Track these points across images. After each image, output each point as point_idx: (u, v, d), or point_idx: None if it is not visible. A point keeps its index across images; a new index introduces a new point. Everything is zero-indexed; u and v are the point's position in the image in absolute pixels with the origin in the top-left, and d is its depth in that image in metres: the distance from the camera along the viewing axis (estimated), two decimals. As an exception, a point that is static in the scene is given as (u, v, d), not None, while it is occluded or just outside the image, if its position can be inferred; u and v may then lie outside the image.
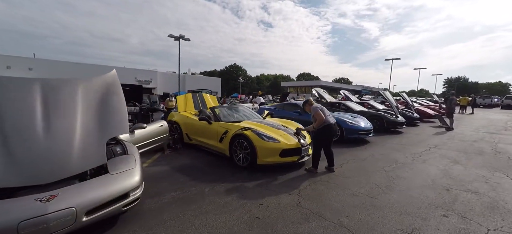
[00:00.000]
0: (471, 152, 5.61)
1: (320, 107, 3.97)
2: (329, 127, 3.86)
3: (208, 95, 7.11)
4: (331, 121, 3.88)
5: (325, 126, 3.85)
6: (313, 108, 3.98)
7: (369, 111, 9.00)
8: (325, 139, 3.91)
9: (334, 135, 3.94)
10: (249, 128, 4.16)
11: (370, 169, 4.18)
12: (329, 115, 3.92)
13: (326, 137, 3.90)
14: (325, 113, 3.91)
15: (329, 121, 3.86)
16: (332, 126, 3.86)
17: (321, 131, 3.88)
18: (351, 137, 6.22)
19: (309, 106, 4.09)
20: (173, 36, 23.26)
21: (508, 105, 24.99)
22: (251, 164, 3.93)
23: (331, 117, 3.92)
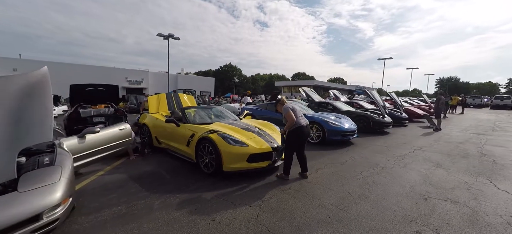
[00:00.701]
0: (455, 155, 5.38)
1: (291, 108, 3.63)
2: (300, 129, 3.52)
3: (185, 95, 6.73)
4: (302, 123, 3.55)
5: (296, 128, 3.51)
6: (284, 109, 3.62)
7: (356, 111, 8.75)
8: (296, 142, 3.58)
9: (306, 138, 3.61)
10: (215, 130, 3.81)
11: (347, 175, 3.87)
12: (301, 116, 3.59)
13: (297, 140, 3.57)
14: (297, 114, 3.58)
15: (300, 123, 3.53)
16: (303, 128, 3.53)
17: (292, 133, 3.54)
18: (334, 138, 5.93)
19: (281, 106, 3.73)
20: (163, 35, 22.69)
21: (497, 105, 25.29)
22: (216, 170, 3.57)
23: (303, 118, 3.58)
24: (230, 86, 68.95)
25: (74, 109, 6.92)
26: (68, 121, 6.71)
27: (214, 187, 3.32)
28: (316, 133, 6.13)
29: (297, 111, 3.60)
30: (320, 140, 6.02)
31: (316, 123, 6.11)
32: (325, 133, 5.90)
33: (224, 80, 74.10)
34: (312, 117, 6.31)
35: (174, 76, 46.76)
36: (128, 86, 38.81)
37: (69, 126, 6.34)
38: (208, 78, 53.40)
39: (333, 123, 6.01)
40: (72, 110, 7.05)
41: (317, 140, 6.08)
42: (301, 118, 3.57)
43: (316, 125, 6.11)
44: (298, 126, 3.51)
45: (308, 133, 3.59)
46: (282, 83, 57.82)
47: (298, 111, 3.60)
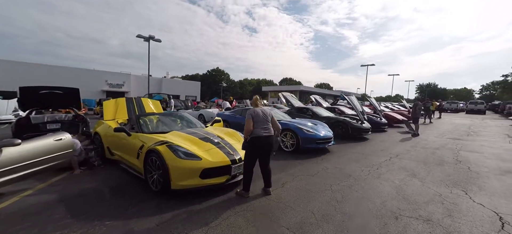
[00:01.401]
0: (431, 162, 5.20)
1: (253, 114, 3.21)
2: (257, 140, 3.11)
3: (150, 101, 6.15)
4: (262, 133, 3.13)
5: (252, 138, 3.11)
6: (247, 115, 3.23)
7: (335, 117, 8.54)
8: (254, 154, 3.17)
9: (268, 150, 3.19)
10: (165, 141, 3.30)
11: (315, 189, 3.49)
12: (263, 126, 3.16)
13: (254, 151, 3.15)
14: (256, 122, 3.17)
15: (257, 133, 3.12)
16: (261, 139, 3.12)
17: (249, 143, 3.13)
18: (308, 146, 5.58)
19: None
20: (143, 37, 21.79)
21: (471, 110, 26.49)
22: (164, 188, 3.07)
23: (264, 128, 3.16)
24: (218, 91, 68.18)
25: (25, 115, 6.16)
26: (16, 127, 5.94)
27: (158, 209, 2.81)
28: (290, 141, 5.76)
29: (260, 118, 3.18)
30: (294, 148, 5.66)
31: (290, 130, 5.75)
32: (299, 141, 5.55)
33: (211, 85, 73.26)
34: (286, 124, 5.96)
35: (158, 80, 45.43)
36: (108, 89, 37.06)
37: (17, 134, 5.59)
38: (194, 83, 52.31)
39: (307, 130, 5.68)
40: (23, 116, 6.27)
41: (291, 148, 5.72)
42: (261, 128, 3.16)
43: (290, 132, 5.75)
44: (255, 136, 3.11)
45: (269, 144, 3.17)
46: (269, 88, 57.89)
47: (261, 119, 3.18)
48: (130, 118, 4.94)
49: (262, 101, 3.40)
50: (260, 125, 3.16)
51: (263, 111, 3.21)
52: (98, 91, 35.10)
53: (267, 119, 3.18)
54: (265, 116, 3.19)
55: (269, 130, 3.17)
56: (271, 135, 3.17)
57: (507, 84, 42.45)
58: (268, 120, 3.19)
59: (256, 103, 3.33)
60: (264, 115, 3.18)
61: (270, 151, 3.23)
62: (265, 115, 3.19)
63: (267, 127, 3.17)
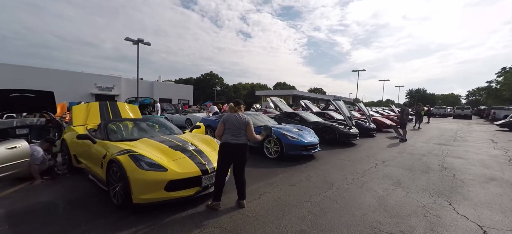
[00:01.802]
0: (417, 169, 5.08)
1: (225, 119, 3.02)
2: (225, 146, 2.92)
3: (126, 105, 5.83)
4: (230, 140, 2.92)
5: (221, 144, 2.95)
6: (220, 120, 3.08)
7: (323, 122, 8.41)
8: (223, 161, 2.95)
9: (237, 159, 2.96)
10: (128, 150, 3.02)
11: (294, 201, 3.27)
12: (233, 133, 2.94)
13: (223, 159, 2.94)
14: (227, 128, 2.96)
15: (225, 139, 2.94)
16: (230, 146, 2.91)
17: (219, 150, 2.95)
18: (292, 153, 5.38)
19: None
20: (132, 40, 21.33)
21: (458, 115, 27.13)
22: (125, 202, 2.78)
23: (234, 136, 2.93)
24: (212, 95, 67.78)
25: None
26: (-19, 133, 5.49)
27: (114, 226, 2.51)
28: (274, 147, 5.55)
29: (232, 125, 2.96)
30: (278, 155, 5.44)
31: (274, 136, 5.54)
32: (283, 148, 5.34)
33: (205, 89, 72.86)
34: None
35: (150, 83, 44.66)
36: (97, 92, 36.10)
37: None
38: (187, 86, 51.74)
39: (292, 136, 5.48)
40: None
41: (275, 155, 5.50)
42: (231, 134, 2.94)
43: (274, 139, 5.54)
44: (223, 142, 2.94)
45: (239, 153, 2.94)
46: (262, 93, 57.85)
47: (232, 126, 2.96)
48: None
49: (242, 108, 3.18)
50: (230, 131, 2.95)
51: (237, 118, 2.99)
52: (86, 95, 34.12)
53: (239, 127, 2.95)
54: (239, 123, 2.96)
55: (239, 137, 2.94)
56: (241, 144, 2.94)
57: (491, 90, 43.89)
58: (241, 128, 2.96)
59: (232, 110, 3.11)
60: (238, 123, 2.96)
61: (243, 159, 2.99)
62: (239, 123, 2.96)
63: (238, 134, 2.94)
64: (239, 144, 2.92)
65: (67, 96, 24.97)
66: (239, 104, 3.13)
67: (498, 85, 40.16)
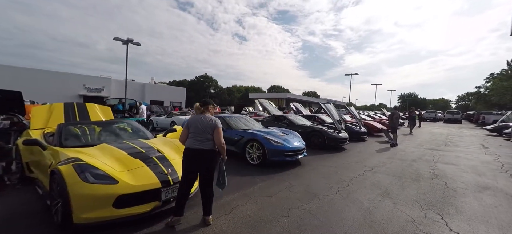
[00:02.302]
0: (407, 176, 4.78)
1: (190, 121, 2.66)
2: (187, 152, 2.57)
3: (96, 106, 5.36)
4: (192, 145, 2.55)
5: (184, 150, 2.60)
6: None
7: (311, 126, 8.09)
8: (185, 169, 2.58)
9: (203, 167, 2.57)
10: (74, 158, 2.58)
11: (269, 216, 2.89)
12: (197, 138, 2.56)
13: (185, 166, 2.58)
14: (191, 132, 2.58)
15: (188, 144, 2.59)
16: (192, 152, 2.54)
17: (182, 157, 2.61)
18: (275, 159, 5.01)
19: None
20: (121, 40, 20.69)
21: (449, 119, 27.40)
22: (65, 222, 2.34)
23: (197, 140, 2.55)
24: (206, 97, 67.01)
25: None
26: None
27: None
28: (256, 153, 5.17)
29: (195, 128, 2.58)
30: (261, 161, 5.06)
31: (256, 141, 5.17)
32: (266, 153, 4.96)
33: (199, 91, 72.26)
34: (253, 134, 5.38)
35: (141, 85, 43.79)
36: (86, 94, 35.11)
37: None
38: (179, 88, 51.00)
39: (275, 141, 5.11)
40: None
41: (257, 161, 5.11)
42: (194, 139, 2.56)
43: (256, 144, 5.16)
44: (186, 148, 2.59)
45: (203, 160, 2.55)
46: (256, 96, 57.51)
47: (196, 129, 2.58)
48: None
49: (211, 109, 2.78)
50: (194, 135, 2.58)
51: (202, 121, 2.60)
52: (74, 96, 33.08)
53: (204, 130, 2.56)
54: (203, 126, 2.57)
55: (204, 142, 2.55)
56: (206, 150, 2.55)
57: (480, 95, 44.84)
58: (206, 131, 2.56)
59: (198, 110, 2.72)
60: (202, 126, 2.57)
61: (209, 169, 2.59)
62: (203, 126, 2.57)
63: (202, 139, 2.55)
64: (203, 150, 2.53)
65: (54, 98, 24.06)
66: (206, 104, 2.74)
67: (486, 91, 41.07)
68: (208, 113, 2.70)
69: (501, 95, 31.71)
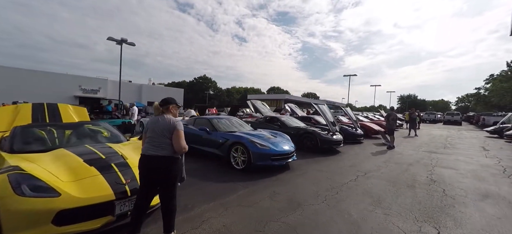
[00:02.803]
0: (402, 183, 4.44)
1: (148, 125, 2.32)
2: (142, 159, 2.23)
3: (70, 107, 5.02)
4: (146, 151, 2.22)
5: (140, 157, 2.25)
6: None
7: (304, 128, 7.75)
8: (141, 180, 2.25)
9: (160, 177, 2.22)
10: (14, 166, 2.24)
11: (240, 231, 2.54)
12: (153, 143, 2.21)
13: (142, 177, 2.23)
14: (148, 135, 2.26)
15: (143, 150, 2.25)
16: (145, 159, 2.21)
17: (138, 164, 2.26)
18: (261, 164, 4.66)
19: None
20: (115, 40, 20.39)
21: (448, 121, 27.09)
22: (-6, 241, 1.99)
23: (153, 145, 2.20)
24: (204, 99, 66.93)
25: None
26: None
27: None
28: (241, 157, 4.82)
29: (152, 130, 2.24)
30: (246, 166, 4.71)
31: (241, 144, 4.83)
32: (251, 157, 4.62)
33: (198, 92, 72.03)
34: (238, 136, 5.04)
35: (138, 86, 43.53)
36: (81, 95, 34.79)
37: None
38: (177, 90, 50.75)
39: (261, 144, 4.77)
40: None
41: (242, 165, 4.77)
42: (150, 143, 2.22)
43: (241, 147, 4.82)
44: (141, 154, 2.25)
45: (160, 169, 2.20)
46: (255, 97, 57.26)
47: (152, 132, 2.24)
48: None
49: (173, 109, 2.43)
50: (150, 140, 2.24)
51: (159, 123, 2.25)
52: (70, 97, 32.76)
53: (161, 134, 2.21)
54: (160, 130, 2.22)
55: (160, 148, 2.19)
56: (162, 157, 2.19)
57: (479, 97, 44.58)
58: (163, 135, 2.22)
59: (157, 111, 2.38)
60: (159, 129, 2.22)
61: (168, 179, 2.23)
62: (160, 129, 2.22)
63: (159, 144, 2.20)
64: (159, 157, 2.18)
65: (49, 99, 23.71)
66: (167, 103, 2.37)
67: (486, 92, 40.82)
68: (170, 114, 2.35)
69: (501, 97, 31.44)
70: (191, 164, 5.32)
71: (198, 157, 5.97)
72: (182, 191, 3.62)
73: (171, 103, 2.40)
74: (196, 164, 5.39)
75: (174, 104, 2.43)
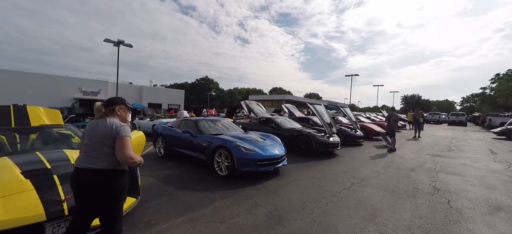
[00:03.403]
0: (402, 191, 3.99)
1: (85, 131, 1.91)
2: (74, 174, 1.80)
3: (41, 109, 4.67)
4: (79, 163, 1.79)
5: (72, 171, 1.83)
6: None
7: (298, 129, 7.31)
8: (77, 199, 1.82)
9: (94, 195, 1.77)
10: None
11: (205, 255, 2.13)
12: (88, 153, 1.79)
13: (76, 194, 1.80)
14: (84, 144, 1.85)
15: (76, 163, 1.81)
16: (77, 173, 1.78)
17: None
18: (245, 170, 4.24)
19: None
20: (112, 42, 20.18)
21: (453, 122, 26.36)
22: None
23: (88, 156, 1.79)
24: (206, 100, 66.85)
25: None
26: None
27: None
28: (225, 162, 4.41)
29: (88, 138, 1.83)
30: (229, 172, 4.30)
31: (224, 148, 4.42)
32: (234, 162, 4.21)
33: (200, 94, 72.04)
34: (222, 140, 4.63)
35: (139, 88, 43.45)
36: (82, 97, 34.83)
37: None
38: (178, 91, 50.58)
39: (246, 148, 4.35)
40: None
41: (226, 171, 4.36)
42: (85, 153, 1.81)
43: (225, 151, 4.41)
44: (74, 168, 1.82)
45: (94, 186, 1.77)
46: (255, 98, 56.87)
47: (88, 140, 1.83)
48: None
49: (121, 111, 1.98)
50: (86, 149, 1.82)
51: (96, 128, 1.82)
52: (69, 99, 32.74)
53: (100, 142, 1.79)
54: (98, 137, 1.79)
55: (95, 159, 1.77)
56: (98, 170, 1.75)
57: (485, 97, 43.53)
58: (102, 144, 1.79)
59: (98, 113, 1.94)
60: (96, 136, 1.80)
61: (108, 198, 1.79)
62: (98, 136, 1.80)
63: (94, 154, 1.78)
64: (95, 171, 1.74)
65: (49, 101, 23.64)
66: (113, 104, 1.94)
67: (492, 92, 39.80)
68: (115, 118, 1.92)
69: (508, 97, 30.49)
70: (173, 170, 4.94)
71: (183, 161, 5.59)
72: (153, 201, 3.24)
73: (117, 104, 1.97)
74: (178, 169, 5.00)
75: (122, 105, 2.00)
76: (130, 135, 1.87)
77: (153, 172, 4.77)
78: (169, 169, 5.02)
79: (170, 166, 5.24)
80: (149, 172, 4.70)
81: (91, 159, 1.76)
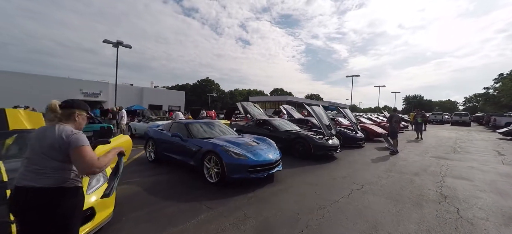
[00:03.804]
0: (406, 199, 3.67)
1: (29, 142, 1.58)
2: (12, 195, 1.45)
3: (21, 111, 4.42)
4: (20, 181, 1.44)
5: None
6: None
7: (296, 132, 7.00)
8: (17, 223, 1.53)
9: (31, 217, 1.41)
10: None
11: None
12: (29, 167, 1.47)
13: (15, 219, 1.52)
14: (26, 157, 1.52)
15: (16, 182, 1.46)
16: (18, 194, 1.43)
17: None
18: (236, 177, 3.94)
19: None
20: (111, 42, 20.02)
21: (456, 122, 25.88)
22: None
23: (32, 171, 1.45)
24: (207, 101, 66.76)
25: None
26: None
27: None
28: (215, 168, 4.12)
29: (32, 147, 1.50)
30: (219, 178, 4.01)
31: (214, 153, 4.12)
32: (224, 169, 3.91)
33: (201, 95, 72.04)
34: (212, 144, 4.34)
35: (140, 89, 43.34)
36: (83, 98, 34.76)
37: None
38: (178, 92, 50.42)
39: (237, 153, 4.05)
40: None
41: (216, 178, 4.06)
42: (27, 169, 1.48)
43: (214, 156, 4.12)
44: (14, 186, 1.47)
45: (35, 210, 1.42)
46: (257, 99, 56.64)
47: (32, 149, 1.50)
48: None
49: (83, 118, 1.70)
50: (27, 162, 1.49)
51: (45, 136, 1.49)
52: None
53: (46, 154, 1.46)
54: (43, 147, 1.47)
55: (39, 176, 1.44)
56: (44, 189, 1.42)
57: (488, 97, 42.98)
58: (49, 156, 1.46)
59: (51, 116, 1.59)
60: (43, 146, 1.47)
61: (55, 223, 1.44)
62: (43, 146, 1.47)
63: (38, 169, 1.45)
64: (36, 190, 1.42)
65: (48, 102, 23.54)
66: (72, 107, 1.63)
67: (495, 92, 39.24)
68: (68, 124, 1.59)
69: (511, 97, 30.01)
70: (161, 176, 4.65)
71: (174, 166, 5.30)
72: (133, 214, 2.96)
73: (79, 109, 1.65)
74: (167, 175, 4.71)
75: (84, 112, 1.69)
76: (88, 143, 1.56)
77: (140, 178, 4.49)
78: (158, 175, 4.73)
79: (159, 171, 4.95)
80: (136, 179, 4.42)
81: (32, 174, 1.44)
